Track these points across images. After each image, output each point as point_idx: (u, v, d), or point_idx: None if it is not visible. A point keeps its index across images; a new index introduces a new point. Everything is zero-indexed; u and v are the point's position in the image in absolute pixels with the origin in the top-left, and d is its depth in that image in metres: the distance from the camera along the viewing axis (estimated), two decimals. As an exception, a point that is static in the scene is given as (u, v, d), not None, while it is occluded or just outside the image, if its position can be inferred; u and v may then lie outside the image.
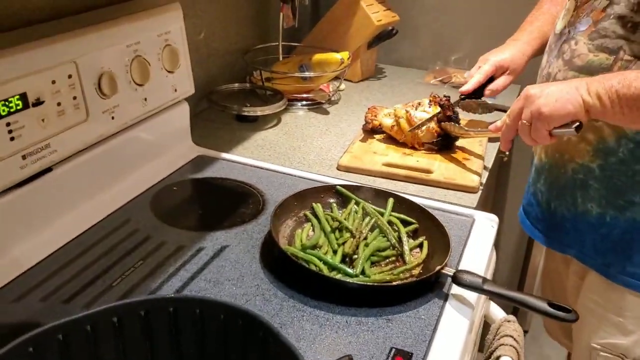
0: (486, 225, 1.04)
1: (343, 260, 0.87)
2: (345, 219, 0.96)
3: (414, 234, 0.97)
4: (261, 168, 1.17)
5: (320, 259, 0.86)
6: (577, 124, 0.87)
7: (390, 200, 1.01)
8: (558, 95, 0.89)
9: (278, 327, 0.55)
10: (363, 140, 1.31)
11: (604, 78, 0.86)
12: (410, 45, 1.93)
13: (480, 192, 1.13)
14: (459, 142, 1.27)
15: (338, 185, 1.03)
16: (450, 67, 1.86)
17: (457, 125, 1.21)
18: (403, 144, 1.27)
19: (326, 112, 1.52)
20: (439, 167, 1.19)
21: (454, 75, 1.78)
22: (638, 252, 0.96)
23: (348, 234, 0.92)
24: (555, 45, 1.03)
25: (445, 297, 0.84)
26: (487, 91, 1.27)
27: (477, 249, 0.97)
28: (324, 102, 1.56)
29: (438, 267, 0.84)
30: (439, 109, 1.23)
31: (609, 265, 1.00)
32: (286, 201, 0.97)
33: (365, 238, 0.92)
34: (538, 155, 1.10)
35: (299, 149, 1.28)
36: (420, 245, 0.94)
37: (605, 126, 0.94)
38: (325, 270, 0.84)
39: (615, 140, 0.94)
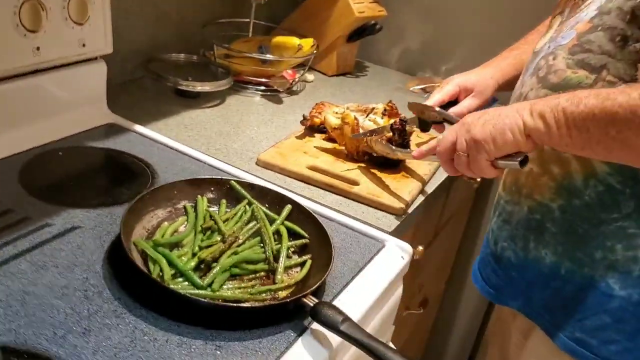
0: (395, 254, 0.90)
1: (198, 267, 0.75)
2: (227, 220, 0.84)
3: (301, 251, 0.84)
4: (170, 148, 1.05)
5: (170, 261, 0.73)
6: (522, 157, 0.75)
7: (287, 208, 0.89)
8: (496, 120, 0.76)
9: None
10: (300, 137, 1.18)
11: (552, 97, 0.73)
12: (399, 47, 1.79)
13: (404, 217, 1.00)
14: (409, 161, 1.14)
15: (233, 180, 0.91)
16: (439, 77, 1.71)
17: (400, 150, 1.06)
18: (342, 153, 1.14)
19: (279, 101, 1.39)
20: (368, 181, 1.05)
21: (439, 86, 1.64)
22: (592, 316, 0.81)
23: (220, 237, 0.80)
24: (532, 63, 0.89)
25: (302, 331, 0.71)
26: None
27: (373, 280, 0.84)
28: (281, 90, 1.43)
29: (299, 295, 0.71)
30: (391, 122, 1.09)
31: (557, 326, 0.85)
32: (163, 188, 0.85)
33: (240, 245, 0.80)
34: (499, 187, 0.97)
35: (226, 135, 1.16)
36: (303, 264, 0.81)
37: (573, 160, 0.80)
38: (167, 275, 0.71)
39: (582, 178, 0.79)
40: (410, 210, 1.02)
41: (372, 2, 1.58)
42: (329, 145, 1.17)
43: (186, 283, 0.72)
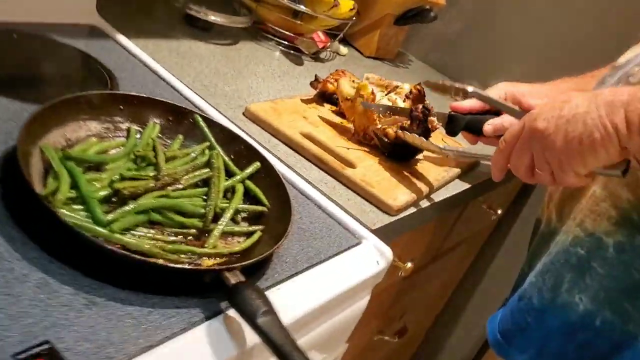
0: (370, 256, 0.72)
1: (110, 199, 0.58)
2: (174, 158, 0.67)
3: (255, 220, 0.66)
4: (148, 67, 0.89)
5: (75, 180, 0.56)
6: (624, 167, 0.60)
7: (254, 165, 0.71)
8: (581, 130, 0.60)
9: None
10: (306, 101, 1.00)
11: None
12: (449, 47, 1.60)
13: (396, 218, 0.81)
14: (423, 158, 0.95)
15: (199, 114, 0.73)
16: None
17: (421, 138, 0.88)
18: (348, 131, 0.96)
19: (299, 63, 1.22)
20: (368, 168, 0.87)
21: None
22: None
23: (154, 173, 0.63)
24: (612, 77, 0.73)
25: (213, 315, 0.53)
26: (487, 126, 0.93)
27: (333, 278, 0.66)
28: (306, 52, 1.25)
29: (221, 267, 0.54)
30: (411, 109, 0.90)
31: None
32: (106, 96, 0.68)
33: (179, 190, 0.63)
34: (543, 205, 0.79)
35: (222, 75, 0.99)
36: (250, 235, 0.63)
37: None
38: (62, 195, 0.54)
39: None
40: (405, 214, 0.83)
41: (434, -14, 1.39)
42: (336, 119, 0.99)
43: (85, 214, 0.55)
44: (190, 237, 0.60)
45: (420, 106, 0.88)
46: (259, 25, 1.24)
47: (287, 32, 1.23)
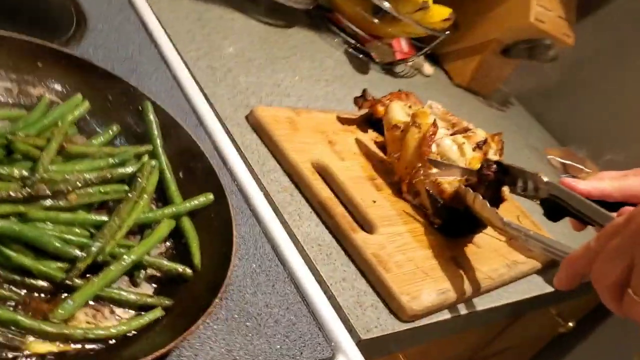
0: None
1: None
2: (81, 157, 0.44)
3: (170, 285, 0.42)
4: (143, 26, 0.66)
5: None
6: None
7: (205, 198, 0.46)
8: None
9: None
10: (344, 121, 0.75)
11: None
12: (565, 100, 1.29)
13: (406, 327, 0.54)
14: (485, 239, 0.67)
15: (152, 101, 0.50)
16: (592, 164, 1.20)
17: (491, 208, 0.60)
18: (386, 170, 0.70)
19: (363, 71, 0.96)
20: (394, 237, 0.60)
21: (586, 172, 1.13)
22: None
23: (29, 171, 0.40)
24: None
25: None
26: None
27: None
28: (377, 61, 1.00)
29: None
30: (478, 167, 0.63)
31: None
32: (29, 46, 0.46)
33: (58, 209, 0.39)
34: None
35: (247, 62, 0.75)
36: (145, 310, 0.39)
37: None
38: None
39: None
40: (423, 322, 0.56)
41: (563, 19, 1.09)
42: (377, 153, 0.73)
43: None
44: (38, 294, 0.37)
45: (494, 163, 0.60)
46: (327, 12, 0.99)
47: (360, 31, 0.98)
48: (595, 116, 1.28)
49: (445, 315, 0.59)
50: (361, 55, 0.98)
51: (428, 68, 1.11)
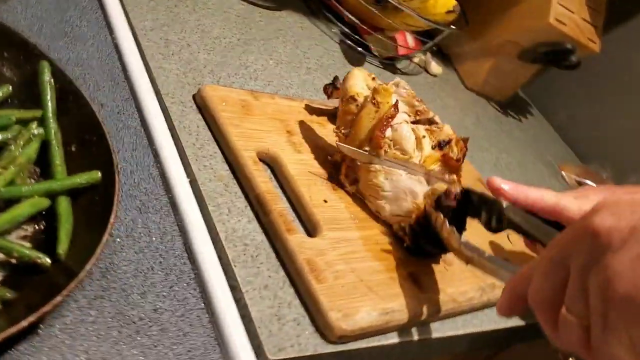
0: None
1: None
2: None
3: (23, 273, 0.35)
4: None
5: None
6: None
7: (91, 175, 0.40)
8: None
9: None
10: (312, 110, 0.67)
11: None
12: (588, 112, 1.18)
13: (334, 349, 0.46)
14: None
15: (51, 60, 0.43)
16: (612, 182, 1.09)
17: (455, 233, 0.51)
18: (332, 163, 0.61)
19: (358, 64, 0.88)
20: (345, 244, 0.52)
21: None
22: None
23: None
24: None
25: None
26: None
27: None
28: (376, 55, 0.92)
29: None
30: (434, 167, 0.55)
31: None
32: None
33: None
34: None
35: (214, 40, 0.68)
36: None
37: None
38: None
39: None
40: (359, 345, 0.48)
41: (588, 22, 0.99)
42: (321, 132, 0.64)
43: None
44: None
45: (459, 189, 0.52)
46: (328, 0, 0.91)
47: (358, 22, 0.90)
48: (624, 134, 1.17)
49: (392, 339, 0.51)
50: (359, 48, 0.90)
51: (435, 67, 1.02)
